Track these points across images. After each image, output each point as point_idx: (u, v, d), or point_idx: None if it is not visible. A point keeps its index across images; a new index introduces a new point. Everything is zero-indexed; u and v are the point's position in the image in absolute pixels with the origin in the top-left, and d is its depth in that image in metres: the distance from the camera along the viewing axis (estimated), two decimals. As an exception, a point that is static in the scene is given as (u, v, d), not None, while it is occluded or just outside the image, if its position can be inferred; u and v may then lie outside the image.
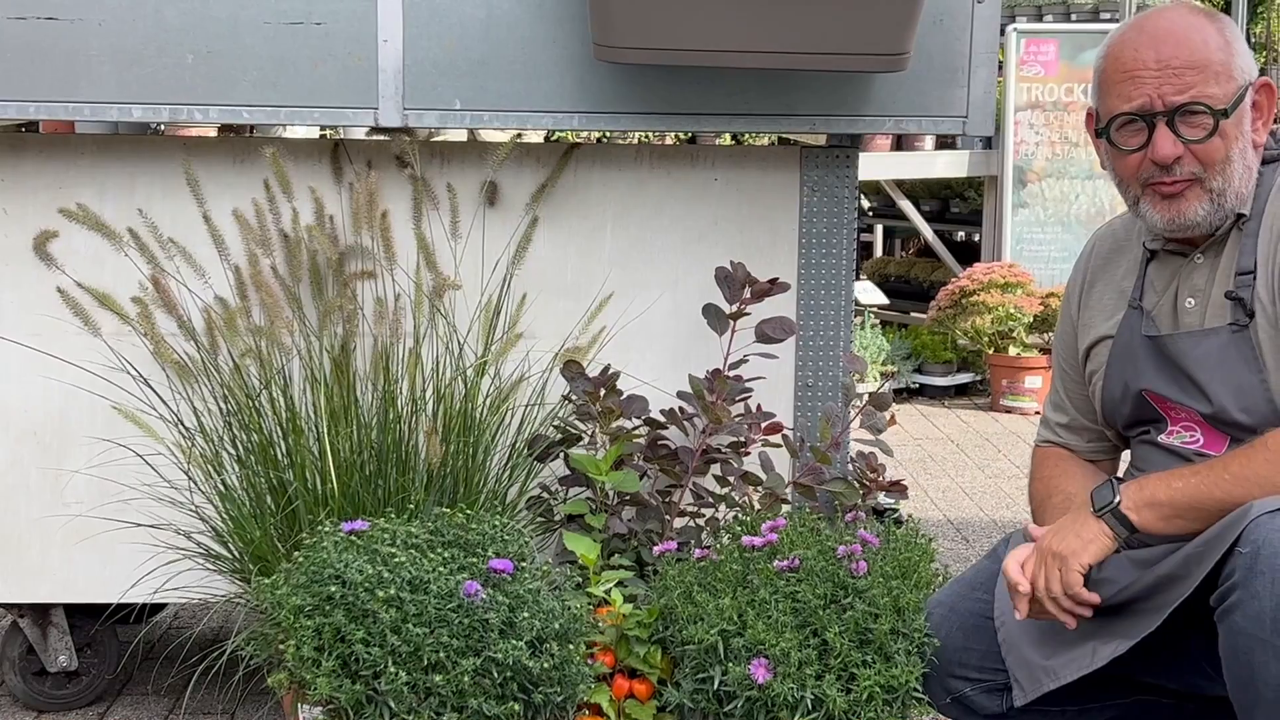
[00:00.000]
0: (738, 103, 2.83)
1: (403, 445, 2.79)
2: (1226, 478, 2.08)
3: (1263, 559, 1.96)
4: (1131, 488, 2.15)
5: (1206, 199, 2.19)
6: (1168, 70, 2.16)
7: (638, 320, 2.96)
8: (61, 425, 2.91)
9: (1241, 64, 2.19)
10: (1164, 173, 2.19)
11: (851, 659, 2.34)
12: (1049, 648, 2.24)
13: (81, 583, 2.94)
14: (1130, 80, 2.18)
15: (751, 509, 2.82)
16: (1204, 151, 2.17)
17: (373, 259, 2.85)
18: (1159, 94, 2.16)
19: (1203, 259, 2.26)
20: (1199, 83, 2.15)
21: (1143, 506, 2.12)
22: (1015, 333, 6.81)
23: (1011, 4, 8.47)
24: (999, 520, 4.85)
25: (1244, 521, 2.00)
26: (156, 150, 2.90)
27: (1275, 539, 1.96)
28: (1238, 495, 2.06)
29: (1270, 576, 1.95)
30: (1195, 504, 2.10)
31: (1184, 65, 2.15)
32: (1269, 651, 1.96)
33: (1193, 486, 2.11)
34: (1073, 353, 2.46)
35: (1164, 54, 2.16)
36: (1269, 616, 1.95)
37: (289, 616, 2.32)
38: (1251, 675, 1.98)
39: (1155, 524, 2.12)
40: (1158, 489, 2.13)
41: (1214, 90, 2.16)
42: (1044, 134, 7.45)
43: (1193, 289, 2.26)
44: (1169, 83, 2.16)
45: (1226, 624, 2.01)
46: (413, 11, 2.77)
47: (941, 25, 2.83)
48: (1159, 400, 2.28)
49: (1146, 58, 2.17)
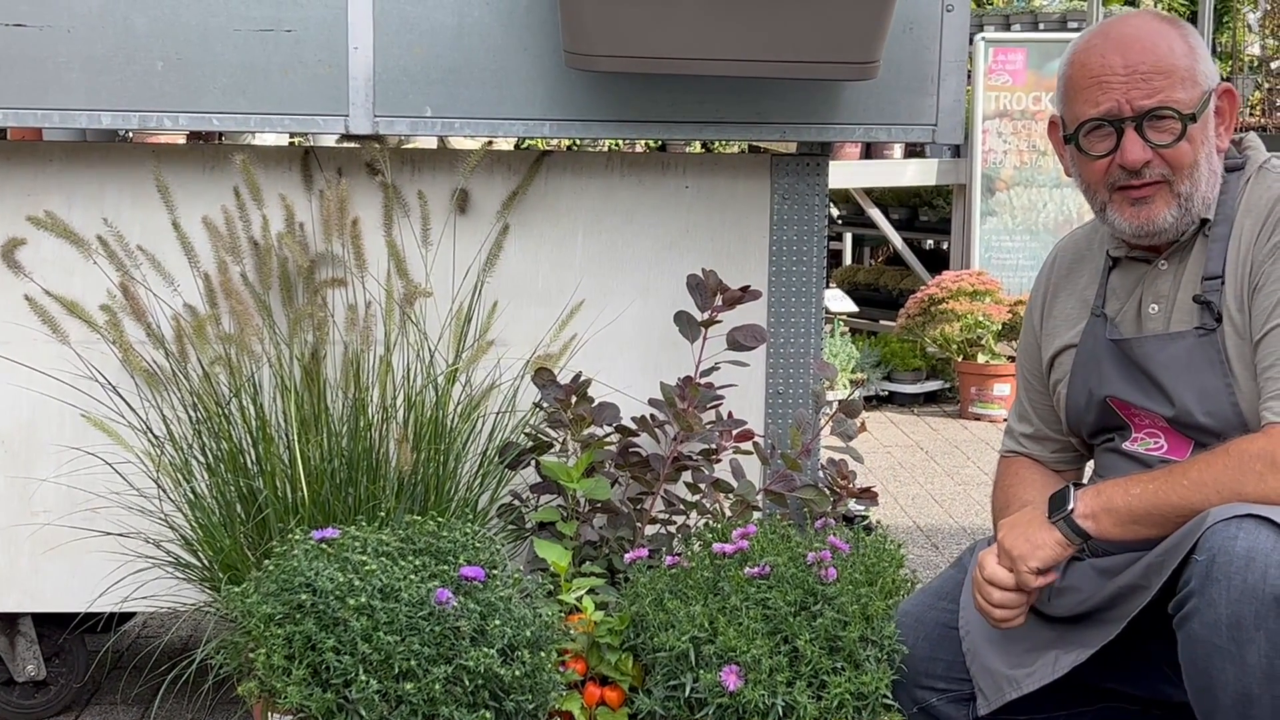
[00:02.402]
0: (708, 110, 2.84)
1: (373, 453, 2.78)
2: (1185, 484, 2.08)
3: (1218, 566, 1.97)
4: (1088, 494, 2.16)
5: (1175, 204, 2.20)
6: (1135, 75, 2.17)
7: (609, 328, 2.96)
8: (29, 433, 2.89)
9: (1205, 69, 2.21)
10: (1132, 177, 2.20)
11: (822, 666, 2.34)
12: (1012, 657, 2.25)
13: (50, 592, 2.92)
14: (1098, 85, 2.19)
15: (723, 516, 2.82)
16: (1173, 156, 2.18)
17: (343, 266, 2.84)
18: (1127, 99, 2.18)
19: (1167, 265, 2.27)
20: (1166, 87, 2.17)
21: (1099, 513, 2.13)
22: (984, 340, 6.84)
23: (979, 13, 8.51)
24: (968, 527, 4.87)
25: (1200, 530, 2.01)
26: (125, 157, 2.89)
27: (1230, 546, 1.97)
28: (1195, 501, 2.06)
29: (1225, 584, 1.96)
30: (1153, 510, 2.10)
31: (1151, 70, 2.17)
32: (1226, 658, 1.97)
33: (1150, 493, 2.11)
34: (1036, 363, 2.47)
35: (1131, 59, 2.18)
36: (1225, 624, 1.96)
37: (259, 625, 2.31)
38: (1210, 682, 2.00)
39: (1112, 530, 2.13)
40: (1114, 495, 2.13)
41: (1181, 95, 2.17)
42: (1012, 143, 7.49)
43: (1157, 295, 2.27)
44: (1137, 88, 2.17)
45: (1184, 631, 2.03)
46: (383, 19, 2.77)
47: (911, 33, 2.84)
48: (1123, 406, 2.29)
49: (1114, 63, 2.19)
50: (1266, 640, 1.94)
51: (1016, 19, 8.14)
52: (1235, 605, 1.95)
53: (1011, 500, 2.42)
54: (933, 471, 5.77)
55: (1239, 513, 1.99)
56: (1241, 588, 1.95)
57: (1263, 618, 1.94)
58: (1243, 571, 1.95)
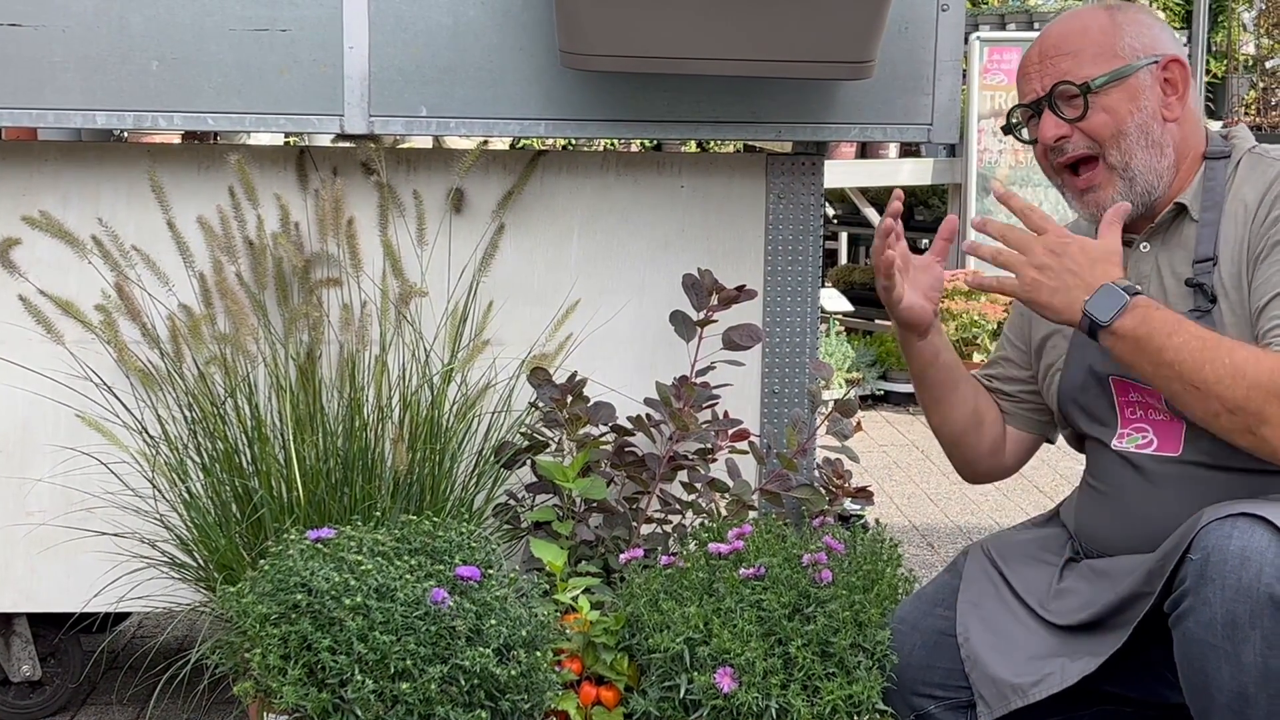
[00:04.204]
0: (704, 110, 2.84)
1: (369, 453, 2.78)
2: (1226, 362, 2.04)
3: (1213, 565, 1.97)
4: (1149, 308, 2.11)
5: (1116, 180, 2.28)
6: (1046, 60, 2.31)
7: (605, 327, 2.96)
8: (24, 433, 2.89)
9: (1129, 43, 2.29)
10: (1059, 154, 2.31)
11: (814, 671, 2.34)
12: (1015, 664, 2.25)
13: (45, 592, 2.92)
14: (1024, 77, 2.36)
15: (718, 516, 2.82)
16: (1089, 127, 2.28)
17: (339, 266, 2.84)
18: (1041, 84, 2.32)
19: (1149, 247, 2.31)
20: (1072, 67, 2.28)
21: (1128, 335, 2.10)
22: (979, 340, 6.84)
23: (974, 13, 8.51)
24: (964, 526, 4.87)
25: (1194, 529, 2.02)
26: (120, 157, 2.89)
27: (1225, 545, 1.97)
28: (1222, 388, 2.03)
29: (1220, 583, 1.97)
30: (1176, 365, 2.07)
31: (1058, 53, 2.30)
32: (1221, 656, 1.97)
33: (1191, 351, 2.07)
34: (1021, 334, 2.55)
35: (1045, 46, 2.33)
36: (1220, 622, 1.97)
37: (254, 625, 2.31)
38: (1205, 681, 2.00)
39: (1125, 353, 2.11)
40: (1158, 325, 2.09)
41: (1088, 70, 2.27)
42: (1007, 142, 7.50)
43: (1140, 276, 2.31)
44: (1047, 71, 2.31)
45: (1180, 630, 2.03)
46: (379, 18, 2.77)
47: (906, 33, 2.84)
48: (1123, 386, 2.30)
49: (1033, 54, 2.35)
50: (1261, 639, 1.94)
51: (1011, 18, 8.14)
52: (1230, 604, 1.95)
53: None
54: (928, 470, 5.77)
55: (1233, 511, 2.00)
56: (1236, 587, 1.95)
57: (1257, 616, 1.94)
58: (1237, 570, 1.95)
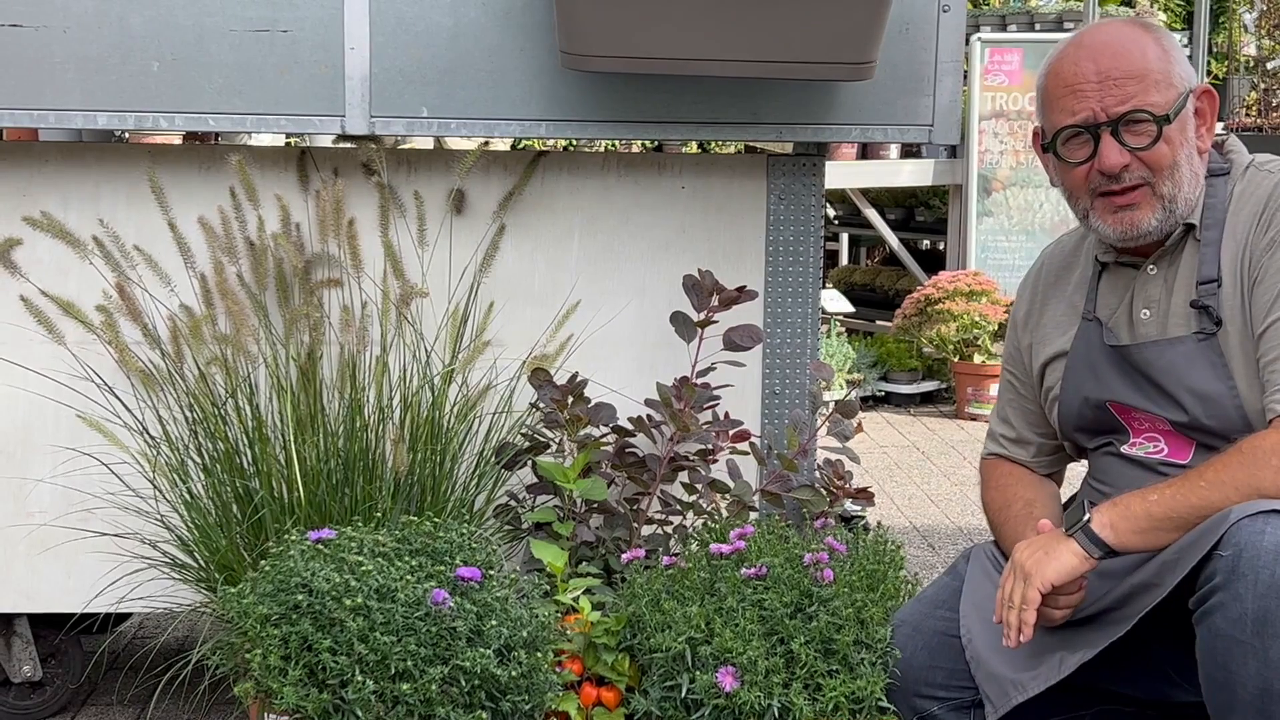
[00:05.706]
0: (704, 111, 2.84)
1: (370, 453, 2.78)
2: (1202, 484, 2.09)
3: (1245, 561, 1.98)
4: (1104, 506, 2.15)
5: (1159, 206, 2.23)
6: (1108, 81, 2.21)
7: (605, 328, 2.96)
8: (25, 434, 2.89)
9: (1180, 71, 2.24)
10: (1113, 181, 2.23)
11: (817, 669, 2.34)
12: (1018, 662, 2.25)
13: (46, 592, 2.92)
14: (1072, 94, 2.24)
15: (719, 516, 2.82)
16: (1151, 158, 2.21)
17: (339, 267, 2.84)
18: (1101, 105, 2.22)
19: (1156, 270, 2.29)
20: (1139, 92, 2.20)
21: (1117, 521, 2.12)
22: (980, 341, 6.84)
23: (975, 14, 8.51)
24: (964, 527, 4.87)
25: (1224, 525, 2.02)
26: (121, 158, 2.89)
27: (1257, 541, 1.98)
28: (1215, 500, 2.07)
29: (1252, 578, 1.97)
30: (1172, 513, 2.10)
31: (1124, 76, 2.21)
32: (1248, 652, 1.97)
33: (1168, 497, 2.11)
34: (1022, 367, 2.49)
35: (1103, 66, 2.22)
36: (1251, 618, 1.97)
37: (255, 625, 2.31)
38: (1229, 677, 2.00)
39: (1131, 538, 2.12)
40: (1131, 503, 2.14)
41: (1155, 98, 2.21)
42: (1008, 143, 7.49)
43: (1148, 299, 2.28)
44: (1110, 94, 2.21)
45: (1206, 625, 2.03)
46: (380, 19, 2.77)
47: (907, 33, 2.84)
48: (1124, 410, 2.30)
49: (1087, 71, 2.23)
50: None
51: (1013, 19, 8.15)
52: (1262, 600, 1.95)
53: (1013, 499, 2.42)
54: (929, 472, 5.77)
55: (1264, 508, 2.00)
56: (1269, 582, 1.95)
57: None
58: (1271, 566, 1.95)
